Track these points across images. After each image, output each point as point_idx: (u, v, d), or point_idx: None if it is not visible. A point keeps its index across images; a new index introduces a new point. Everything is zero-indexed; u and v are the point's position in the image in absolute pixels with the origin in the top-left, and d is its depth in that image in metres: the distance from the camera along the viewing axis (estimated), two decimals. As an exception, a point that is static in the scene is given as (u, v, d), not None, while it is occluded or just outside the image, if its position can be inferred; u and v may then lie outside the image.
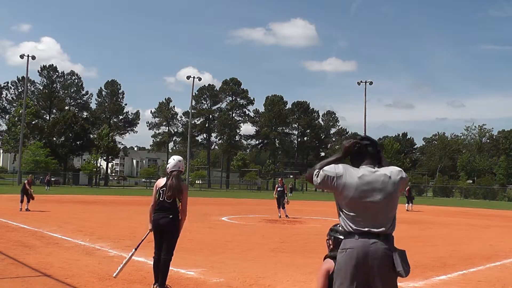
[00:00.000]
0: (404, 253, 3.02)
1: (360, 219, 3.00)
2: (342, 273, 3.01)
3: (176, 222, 5.99)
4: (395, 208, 3.10)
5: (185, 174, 77.56)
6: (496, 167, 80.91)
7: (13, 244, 9.64)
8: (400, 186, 3.09)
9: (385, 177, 3.05)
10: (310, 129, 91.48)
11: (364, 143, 3.17)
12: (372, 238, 2.96)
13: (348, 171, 3.08)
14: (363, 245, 2.95)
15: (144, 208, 22.87)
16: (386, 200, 3.02)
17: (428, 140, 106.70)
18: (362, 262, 2.93)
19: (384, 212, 3.02)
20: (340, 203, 3.10)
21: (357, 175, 3.05)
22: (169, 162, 6.28)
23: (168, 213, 5.94)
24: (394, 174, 3.08)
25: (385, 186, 3.03)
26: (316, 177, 3.12)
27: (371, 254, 2.93)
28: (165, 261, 5.92)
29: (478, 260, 9.75)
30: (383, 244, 2.96)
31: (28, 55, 55.72)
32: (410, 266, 3.03)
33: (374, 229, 2.98)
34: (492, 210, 34.67)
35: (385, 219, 3.02)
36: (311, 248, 10.62)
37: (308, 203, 34.81)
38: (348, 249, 2.99)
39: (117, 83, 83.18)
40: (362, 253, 2.94)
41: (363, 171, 3.07)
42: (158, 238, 6.02)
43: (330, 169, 3.10)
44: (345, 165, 3.13)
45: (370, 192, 3.00)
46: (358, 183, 3.01)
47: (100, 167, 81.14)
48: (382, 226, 3.00)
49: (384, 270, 2.95)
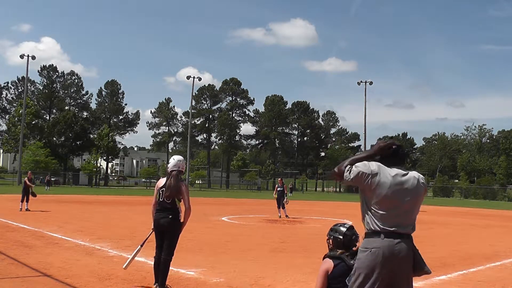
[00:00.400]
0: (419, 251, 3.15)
1: (388, 218, 3.03)
2: (365, 272, 3.01)
3: (176, 222, 5.97)
4: (419, 210, 3.21)
5: (185, 174, 77.70)
6: (496, 167, 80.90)
7: (13, 244, 9.64)
8: (425, 190, 3.21)
9: (414, 180, 3.12)
10: (310, 129, 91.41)
11: (397, 146, 3.23)
12: (397, 238, 3.00)
13: (382, 169, 3.09)
14: (389, 245, 2.99)
15: (144, 208, 22.92)
16: (414, 202, 3.11)
17: (428, 140, 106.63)
18: (387, 262, 2.97)
19: (410, 213, 3.11)
20: (370, 201, 3.10)
21: (391, 174, 3.08)
22: (169, 162, 6.28)
23: (168, 213, 5.94)
24: (421, 178, 3.18)
25: (415, 188, 3.11)
26: (348, 172, 3.11)
27: (396, 254, 2.98)
28: (165, 261, 5.92)
29: (478, 260, 9.75)
30: (407, 244, 3.03)
31: (28, 55, 55.75)
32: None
33: (400, 230, 3.03)
34: (492, 210, 34.67)
35: (411, 220, 3.11)
36: (311, 248, 10.61)
37: (308, 203, 34.81)
38: (373, 248, 3.01)
39: (117, 83, 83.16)
40: (388, 252, 2.97)
41: (396, 171, 3.11)
42: (159, 238, 6.03)
43: (364, 166, 3.09)
44: (379, 163, 3.14)
45: (402, 192, 3.05)
46: (392, 182, 3.05)
47: (100, 167, 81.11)
48: (407, 227, 3.07)
49: (407, 269, 3.04)
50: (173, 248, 5.99)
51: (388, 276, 2.98)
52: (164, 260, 5.91)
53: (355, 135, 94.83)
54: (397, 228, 3.02)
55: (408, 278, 3.07)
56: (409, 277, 3.08)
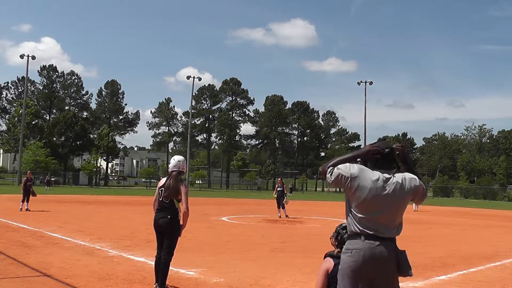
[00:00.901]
0: (405, 254, 3.07)
1: (368, 221, 3.02)
2: (346, 273, 3.03)
3: (175, 223, 5.95)
4: (402, 214, 3.13)
5: (185, 174, 77.42)
6: (496, 167, 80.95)
7: (13, 244, 9.64)
8: (411, 194, 3.09)
9: (397, 184, 3.06)
10: (310, 129, 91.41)
11: (386, 151, 3.16)
12: (378, 241, 2.99)
13: (363, 173, 3.07)
14: (369, 247, 2.98)
15: (144, 208, 22.92)
16: (395, 206, 3.05)
17: (428, 140, 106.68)
18: (368, 264, 2.97)
19: (392, 217, 3.06)
20: (351, 203, 3.10)
21: (372, 178, 3.05)
22: (170, 162, 6.27)
23: (166, 213, 5.94)
24: (407, 182, 3.09)
25: (396, 192, 3.04)
26: (329, 174, 3.10)
27: (377, 256, 2.97)
28: (165, 262, 5.91)
29: (478, 260, 9.75)
30: (388, 247, 3.00)
31: (28, 55, 55.69)
32: (411, 266, 3.08)
33: (380, 233, 3.01)
34: (492, 210, 34.68)
35: (392, 224, 3.06)
36: (311, 248, 10.61)
37: (308, 203, 34.81)
38: (354, 250, 3.01)
39: (117, 83, 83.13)
40: (368, 255, 2.97)
41: (378, 175, 3.07)
42: (159, 238, 6.03)
43: (345, 168, 3.08)
44: (361, 166, 3.12)
45: (382, 197, 3.02)
46: (372, 187, 3.02)
47: (100, 167, 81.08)
48: (388, 230, 3.03)
49: (388, 272, 3.00)
50: (172, 248, 5.98)
51: (369, 278, 2.98)
52: (164, 260, 5.91)
53: (355, 135, 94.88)
54: (377, 231, 3.00)
55: (390, 281, 3.01)
56: (393, 279, 3.02)
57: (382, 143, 3.24)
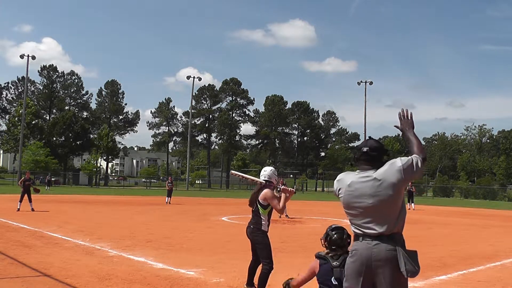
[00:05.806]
0: (413, 253, 3.05)
1: (357, 223, 3.10)
2: (348, 274, 3.11)
3: (258, 232, 5.89)
4: (396, 207, 3.03)
5: (185, 174, 77.75)
6: (496, 167, 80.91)
7: (13, 244, 9.64)
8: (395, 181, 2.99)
9: (375, 181, 3.03)
10: (310, 129, 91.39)
11: (364, 150, 3.17)
12: (374, 240, 2.99)
13: (343, 178, 3.22)
14: (366, 247, 3.01)
15: (144, 208, 22.91)
16: (378, 203, 3.00)
17: (428, 140, 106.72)
18: (366, 263, 2.99)
19: (380, 214, 3.01)
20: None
21: (347, 182, 3.15)
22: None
23: (250, 222, 6.01)
24: (387, 174, 3.01)
25: (375, 190, 3.01)
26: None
27: (374, 255, 2.98)
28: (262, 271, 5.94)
29: (478, 260, 9.75)
30: (386, 245, 2.98)
31: (28, 55, 55.63)
32: (415, 266, 3.02)
33: (371, 232, 3.02)
34: (492, 210, 34.65)
35: (384, 221, 3.00)
36: (311, 248, 10.56)
37: (308, 203, 34.79)
38: (353, 251, 3.09)
39: (117, 83, 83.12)
40: (365, 254, 3.00)
41: (354, 177, 3.14)
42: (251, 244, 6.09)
43: (338, 177, 3.30)
44: (346, 172, 3.29)
45: (358, 197, 3.06)
46: (347, 190, 3.13)
47: (100, 167, 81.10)
48: (380, 228, 3.00)
49: (388, 270, 2.96)
50: (264, 257, 5.90)
51: (370, 277, 2.99)
52: (262, 269, 5.95)
53: (355, 135, 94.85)
54: (368, 230, 3.02)
55: (394, 279, 2.97)
56: (394, 278, 2.97)
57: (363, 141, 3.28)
